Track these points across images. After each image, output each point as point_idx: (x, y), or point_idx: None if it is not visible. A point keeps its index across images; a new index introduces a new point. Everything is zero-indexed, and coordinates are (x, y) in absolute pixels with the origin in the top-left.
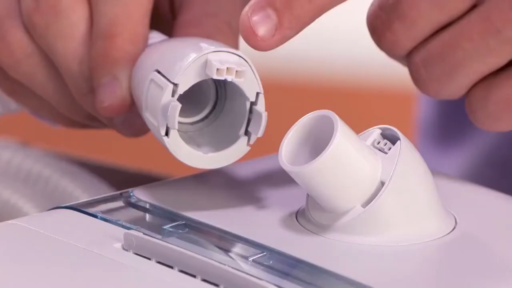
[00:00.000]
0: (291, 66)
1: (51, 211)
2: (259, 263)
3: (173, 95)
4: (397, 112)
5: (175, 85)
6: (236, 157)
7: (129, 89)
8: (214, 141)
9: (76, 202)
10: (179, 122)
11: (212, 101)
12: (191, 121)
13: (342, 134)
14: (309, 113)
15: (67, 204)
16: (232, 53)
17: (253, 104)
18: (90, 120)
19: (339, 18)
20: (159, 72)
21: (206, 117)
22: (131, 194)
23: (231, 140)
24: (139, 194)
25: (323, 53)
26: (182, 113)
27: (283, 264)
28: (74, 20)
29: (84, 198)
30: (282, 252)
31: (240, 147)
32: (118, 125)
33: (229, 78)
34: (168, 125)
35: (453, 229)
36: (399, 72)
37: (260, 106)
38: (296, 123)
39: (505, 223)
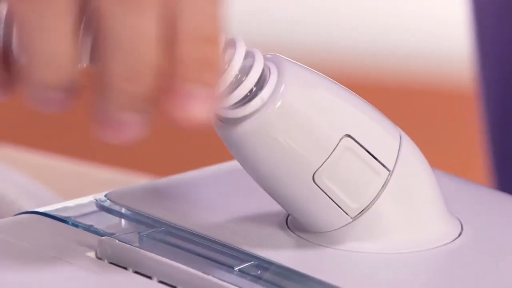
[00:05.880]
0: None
1: (16, 217)
2: (246, 273)
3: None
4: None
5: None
6: None
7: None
8: None
9: (45, 206)
10: None
11: None
12: None
13: None
14: None
15: (35, 209)
16: None
17: None
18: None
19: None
20: (357, 142)
21: None
22: (106, 197)
23: None
24: (114, 197)
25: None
26: None
27: (272, 274)
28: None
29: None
30: (271, 261)
31: None
32: (43, 97)
33: None
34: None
35: (459, 235)
36: (456, 68)
37: None
38: None
39: None
